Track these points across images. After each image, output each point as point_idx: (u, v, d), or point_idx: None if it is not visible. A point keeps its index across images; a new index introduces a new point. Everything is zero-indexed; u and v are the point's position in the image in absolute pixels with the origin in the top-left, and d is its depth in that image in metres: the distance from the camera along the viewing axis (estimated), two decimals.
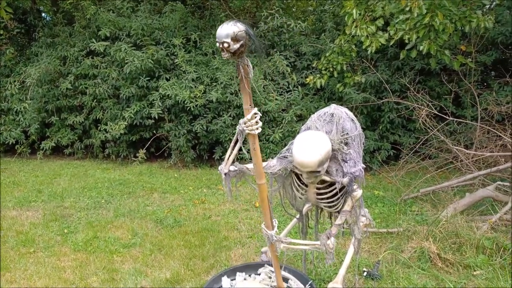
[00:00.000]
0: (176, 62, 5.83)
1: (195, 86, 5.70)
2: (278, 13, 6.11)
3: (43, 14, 9.25)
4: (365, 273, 2.83)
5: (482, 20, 4.49)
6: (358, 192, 1.86)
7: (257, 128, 1.70)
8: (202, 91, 5.65)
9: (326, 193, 1.94)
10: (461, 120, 5.03)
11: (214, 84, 5.76)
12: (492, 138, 4.44)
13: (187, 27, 6.55)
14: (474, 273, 2.83)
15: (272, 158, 2.14)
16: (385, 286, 2.72)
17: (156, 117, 5.74)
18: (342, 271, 2.13)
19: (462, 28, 4.57)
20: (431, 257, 2.99)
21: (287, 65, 5.90)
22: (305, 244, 2.02)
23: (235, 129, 6.32)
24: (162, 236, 3.62)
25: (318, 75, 5.41)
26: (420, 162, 4.93)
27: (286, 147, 2.08)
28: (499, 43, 5.91)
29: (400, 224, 3.57)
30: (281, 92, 5.99)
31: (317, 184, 1.94)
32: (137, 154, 6.14)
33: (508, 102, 5.08)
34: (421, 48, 4.47)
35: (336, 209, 1.99)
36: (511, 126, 4.31)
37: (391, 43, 4.61)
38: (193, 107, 5.46)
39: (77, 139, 6.86)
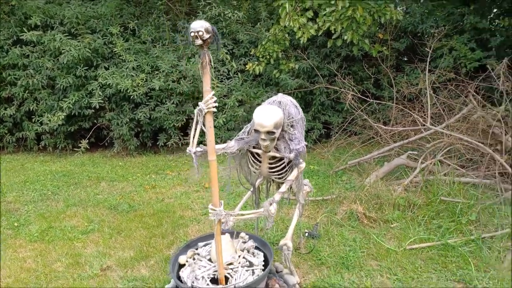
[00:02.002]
0: (115, 51, 5.80)
1: (136, 75, 5.76)
2: (215, 2, 6.33)
3: None
4: (306, 234, 3.33)
5: (395, 13, 5.19)
6: (303, 164, 2.28)
7: (214, 107, 2.02)
8: (144, 80, 5.73)
9: (276, 167, 2.35)
10: (380, 101, 5.76)
11: (156, 72, 5.86)
12: (405, 115, 5.22)
13: (123, 15, 6.49)
14: (392, 225, 3.48)
15: (218, 142, 2.44)
16: (323, 243, 3.24)
17: (97, 106, 5.71)
18: (290, 230, 2.57)
19: (379, 19, 5.23)
20: (358, 216, 3.59)
21: (226, 53, 6.17)
22: (251, 213, 2.30)
23: (179, 116, 6.50)
24: (118, 221, 3.80)
25: (256, 62, 5.80)
26: (347, 139, 5.60)
27: (242, 130, 2.43)
28: (409, 32, 6.78)
29: (333, 192, 4.15)
30: (222, 79, 6.27)
31: (269, 160, 2.32)
32: (79, 145, 6.06)
33: (417, 84, 5.93)
34: (345, 37, 5.04)
35: (284, 180, 2.40)
36: (419, 104, 5.09)
37: (320, 33, 5.11)
38: (136, 95, 5.54)
39: (7, 132, 6.53)
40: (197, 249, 2.62)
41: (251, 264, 2.37)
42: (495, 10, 7.88)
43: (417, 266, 2.87)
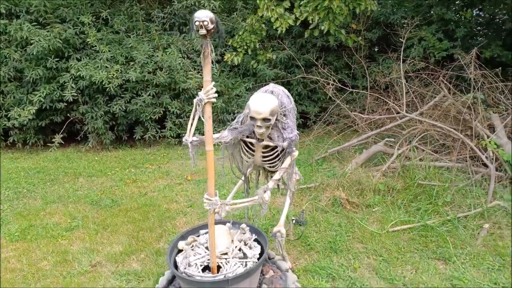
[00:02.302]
0: (88, 41, 5.60)
1: (111, 66, 5.59)
2: None
3: None
4: (293, 221, 3.42)
5: (369, 3, 5.33)
6: (296, 152, 2.34)
7: (214, 97, 2.02)
8: (119, 71, 5.58)
9: (270, 155, 2.39)
10: (355, 90, 5.92)
11: (132, 63, 5.71)
12: (380, 104, 5.40)
13: (94, 3, 6.25)
14: (373, 210, 3.63)
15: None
16: (311, 229, 3.34)
17: (71, 99, 5.51)
18: (282, 217, 2.64)
19: (354, 9, 5.35)
20: (342, 202, 3.72)
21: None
22: (245, 202, 2.32)
23: (156, 108, 6.38)
24: (103, 216, 3.73)
25: (234, 53, 5.78)
26: (325, 128, 5.73)
27: (235, 120, 2.45)
28: (381, 22, 6.97)
29: (315, 180, 4.26)
30: (199, 70, 6.21)
31: (263, 149, 2.36)
32: (53, 140, 5.84)
33: (390, 73, 6.14)
34: (322, 27, 5.13)
35: (276, 168, 2.46)
36: (394, 93, 5.29)
37: (298, 23, 5.17)
38: (112, 87, 5.39)
39: None
40: (198, 236, 2.62)
41: (245, 256, 2.39)
42: (457, 2, 8.26)
43: (400, 247, 3.03)
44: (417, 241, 3.10)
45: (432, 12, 7.09)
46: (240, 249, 2.42)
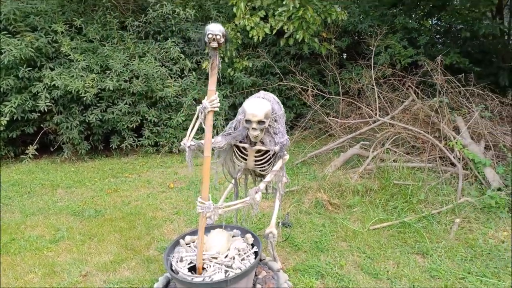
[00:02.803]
0: (62, 50, 5.50)
1: (86, 75, 5.52)
2: (166, 0, 6.26)
3: None
4: (280, 224, 3.54)
5: (340, 13, 5.60)
6: (287, 156, 2.47)
7: (217, 106, 2.13)
8: (95, 80, 5.51)
9: (262, 159, 2.50)
10: (331, 96, 6.16)
11: (108, 72, 5.66)
12: (353, 109, 5.66)
13: (65, 11, 6.14)
14: (354, 210, 3.82)
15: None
16: (296, 230, 3.47)
17: (46, 109, 5.37)
18: (273, 219, 2.75)
19: (325, 19, 5.61)
20: (324, 204, 3.88)
21: (179, 52, 6.15)
22: (238, 203, 2.40)
23: (132, 117, 6.31)
24: (88, 226, 3.69)
25: None
26: (302, 133, 5.92)
27: (228, 126, 2.54)
28: (350, 31, 7.30)
29: (297, 183, 4.41)
30: (175, 78, 6.24)
31: (255, 153, 2.47)
32: (27, 151, 5.66)
33: (360, 79, 6.44)
34: (297, 36, 5.33)
35: (267, 172, 2.57)
36: (365, 98, 5.56)
37: (274, 32, 5.35)
38: (89, 97, 5.31)
39: None
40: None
41: (229, 266, 2.36)
42: (418, 12, 8.78)
43: (381, 243, 3.22)
44: (397, 238, 3.30)
45: (396, 21, 7.51)
46: (232, 258, 2.41)
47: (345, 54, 8.26)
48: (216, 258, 2.43)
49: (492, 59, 7.87)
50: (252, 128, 2.28)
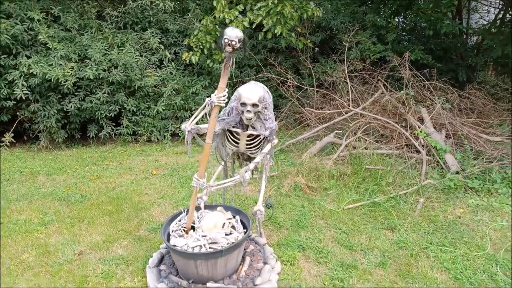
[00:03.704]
0: (40, 38, 5.44)
1: (65, 64, 5.50)
2: None
3: None
4: (263, 205, 3.78)
5: (315, 10, 5.89)
6: (275, 140, 2.71)
7: (223, 102, 2.33)
8: (74, 69, 5.50)
9: (253, 143, 2.73)
10: (310, 88, 6.45)
11: (86, 61, 5.66)
12: (327, 101, 5.99)
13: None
14: (329, 192, 4.13)
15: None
16: (278, 211, 3.73)
17: (24, 97, 5.32)
18: (260, 198, 2.99)
19: (301, 15, 5.88)
20: (302, 187, 4.17)
21: (159, 43, 6.23)
22: (229, 181, 2.67)
23: (111, 106, 6.34)
24: (75, 210, 3.77)
25: (191, 52, 6.00)
26: (279, 123, 6.18)
27: (222, 112, 2.74)
28: (323, 27, 7.63)
29: (276, 169, 4.68)
30: (154, 68, 6.31)
31: (247, 137, 2.70)
32: (3, 139, 5.56)
33: (333, 72, 6.78)
34: (275, 31, 5.57)
35: (256, 155, 2.81)
36: (338, 91, 5.90)
37: (253, 26, 5.56)
38: (70, 85, 5.31)
39: None
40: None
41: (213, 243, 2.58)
42: (386, 10, 9.27)
43: (355, 221, 3.54)
44: (368, 216, 3.64)
45: (366, 18, 7.91)
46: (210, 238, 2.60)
47: (317, 49, 8.61)
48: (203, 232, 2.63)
49: (452, 57, 8.47)
50: (247, 111, 2.50)
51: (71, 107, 5.68)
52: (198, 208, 2.86)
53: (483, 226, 3.42)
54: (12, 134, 5.67)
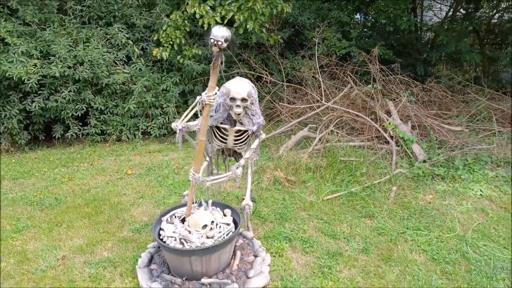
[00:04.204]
0: None
1: (27, 61, 5.20)
2: None
3: None
4: None
5: (285, 6, 5.97)
6: (263, 135, 2.76)
7: (213, 100, 2.33)
8: (37, 66, 5.22)
9: (241, 139, 2.76)
10: (280, 83, 6.53)
11: (50, 58, 5.39)
12: (298, 96, 6.12)
13: None
14: (308, 184, 4.25)
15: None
16: (261, 205, 3.79)
17: None
18: (247, 192, 3.03)
19: (271, 10, 5.95)
20: (281, 181, 4.26)
21: (127, 38, 6.05)
22: (222, 177, 2.74)
23: (77, 104, 6.10)
24: (51, 215, 3.62)
25: (161, 48, 5.89)
26: None
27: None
28: (291, 23, 7.75)
29: (255, 164, 4.73)
30: (121, 64, 6.12)
31: (235, 133, 2.72)
32: None
33: (301, 68, 6.92)
34: (248, 26, 5.60)
35: (243, 150, 2.84)
36: (309, 86, 6.05)
37: (225, 21, 5.55)
38: (33, 83, 5.03)
39: None
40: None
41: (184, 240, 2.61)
42: (348, 7, 9.58)
43: (335, 211, 3.69)
44: (347, 205, 3.80)
45: (330, 14, 8.13)
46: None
47: (284, 44, 8.73)
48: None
49: (410, 52, 8.92)
50: (236, 106, 2.52)
51: (34, 106, 5.39)
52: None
53: (451, 209, 3.68)
54: None
